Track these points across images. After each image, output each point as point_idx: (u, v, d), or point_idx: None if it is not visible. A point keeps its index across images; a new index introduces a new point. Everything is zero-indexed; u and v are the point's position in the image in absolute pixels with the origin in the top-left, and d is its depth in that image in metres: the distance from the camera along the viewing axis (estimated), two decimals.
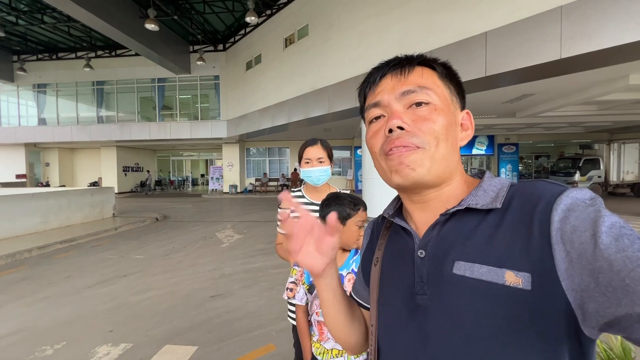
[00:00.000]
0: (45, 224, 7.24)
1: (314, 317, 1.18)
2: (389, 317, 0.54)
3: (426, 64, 0.53)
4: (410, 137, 0.48)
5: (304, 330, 1.21)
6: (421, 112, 0.49)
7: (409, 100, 0.49)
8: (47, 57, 17.01)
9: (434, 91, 0.50)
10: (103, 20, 9.80)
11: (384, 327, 0.56)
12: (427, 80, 0.50)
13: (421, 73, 0.51)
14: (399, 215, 0.58)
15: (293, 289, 1.21)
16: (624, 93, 7.22)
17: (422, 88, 0.49)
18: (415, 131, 0.48)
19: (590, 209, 0.39)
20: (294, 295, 1.20)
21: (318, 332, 1.17)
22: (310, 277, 1.19)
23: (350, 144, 17.83)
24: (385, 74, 0.52)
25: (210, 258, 5.16)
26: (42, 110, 17.81)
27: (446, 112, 0.50)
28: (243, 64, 14.72)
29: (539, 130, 14.48)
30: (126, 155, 19.61)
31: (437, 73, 0.52)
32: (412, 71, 0.51)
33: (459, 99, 0.54)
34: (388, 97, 0.51)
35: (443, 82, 0.52)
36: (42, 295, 3.71)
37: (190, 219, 9.48)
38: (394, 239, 0.58)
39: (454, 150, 0.50)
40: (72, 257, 5.38)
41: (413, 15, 6.94)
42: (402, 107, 0.50)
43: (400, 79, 0.51)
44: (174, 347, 2.54)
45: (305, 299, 1.20)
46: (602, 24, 4.48)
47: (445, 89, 0.52)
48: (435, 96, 0.50)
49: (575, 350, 0.40)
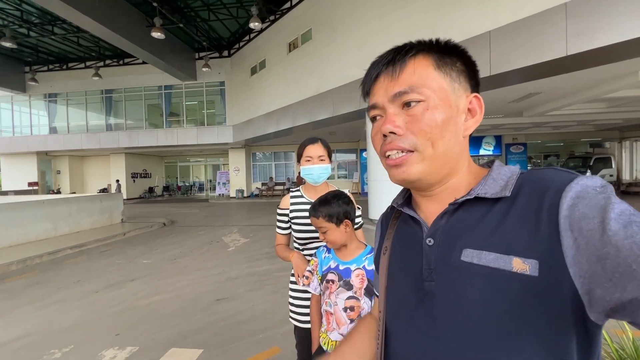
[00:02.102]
0: (56, 230, 7.36)
1: (324, 307, 1.21)
2: (398, 303, 0.55)
3: (422, 52, 0.50)
4: (403, 140, 0.48)
5: (316, 319, 1.26)
6: (413, 113, 0.48)
7: (401, 101, 0.49)
8: (57, 68, 17.45)
9: (428, 86, 0.48)
10: (111, 30, 10.04)
11: (392, 313, 0.57)
12: (419, 76, 0.48)
13: (413, 69, 0.48)
14: (408, 204, 0.59)
15: (309, 277, 1.27)
16: (634, 89, 7.09)
17: (414, 87, 0.48)
18: (407, 134, 0.48)
19: (600, 196, 0.38)
20: (309, 283, 1.25)
21: (326, 322, 1.20)
22: (322, 269, 1.23)
23: (355, 147, 17.81)
24: (379, 73, 0.52)
25: (216, 262, 5.17)
26: (53, 119, 18.23)
27: (442, 106, 0.47)
28: (248, 69, 14.87)
29: (547, 129, 14.26)
30: (134, 162, 19.91)
31: (433, 62, 0.49)
32: (403, 68, 0.49)
33: (466, 81, 0.51)
34: (382, 100, 0.51)
35: (439, 72, 0.48)
36: (51, 299, 3.77)
37: (197, 223, 9.55)
38: (403, 228, 0.59)
39: (454, 144, 0.49)
40: (81, 262, 5.45)
41: (417, 16, 6.94)
42: (397, 107, 0.49)
43: (393, 78, 0.49)
44: (180, 350, 2.54)
45: (319, 289, 1.24)
46: (609, 20, 4.40)
47: (443, 78, 0.48)
48: (429, 91, 0.47)
49: (581, 336, 0.40)
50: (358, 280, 1.15)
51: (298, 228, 1.47)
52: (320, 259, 1.27)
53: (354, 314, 1.14)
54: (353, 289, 1.15)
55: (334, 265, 1.21)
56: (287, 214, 1.52)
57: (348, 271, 1.17)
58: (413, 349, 0.51)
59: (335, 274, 1.18)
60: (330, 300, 1.17)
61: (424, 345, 0.49)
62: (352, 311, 1.14)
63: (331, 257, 1.23)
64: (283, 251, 1.51)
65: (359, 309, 1.14)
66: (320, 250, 1.29)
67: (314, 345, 1.24)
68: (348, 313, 1.14)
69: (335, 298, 1.16)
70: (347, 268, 1.18)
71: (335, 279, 1.18)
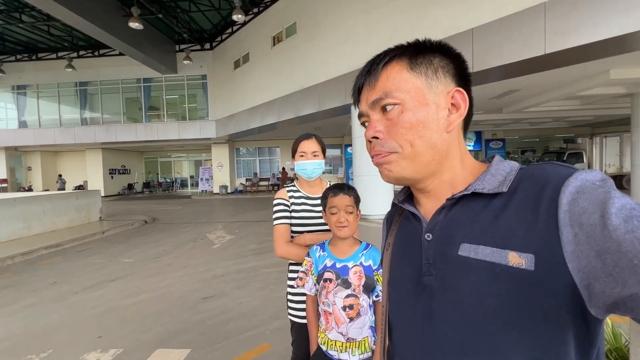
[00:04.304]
0: (29, 230, 7.01)
1: (321, 306, 1.20)
2: (399, 296, 0.57)
3: (396, 57, 0.51)
4: (383, 144, 0.51)
5: (312, 320, 1.24)
6: (390, 117, 0.50)
7: (379, 107, 0.51)
8: (26, 58, 16.50)
9: (402, 89, 0.49)
10: (85, 19, 9.55)
11: (394, 307, 0.59)
12: (393, 82, 0.50)
13: (387, 76, 0.51)
14: (409, 201, 0.60)
15: (303, 277, 1.24)
16: (605, 88, 7.44)
17: (387, 92, 0.50)
18: (386, 138, 0.51)
19: (600, 190, 0.38)
20: (303, 284, 1.23)
21: (325, 322, 1.19)
22: (319, 268, 1.21)
23: (340, 142, 17.86)
24: (362, 84, 0.55)
25: (201, 259, 5.08)
26: (23, 113, 17.27)
27: (418, 106, 0.49)
28: (231, 62, 14.56)
29: (524, 125, 14.80)
30: (112, 158, 19.16)
31: (406, 65, 0.50)
32: (378, 77, 0.51)
33: (448, 76, 0.51)
34: (365, 108, 0.54)
35: (413, 73, 0.50)
36: (26, 302, 3.59)
37: (180, 220, 9.33)
38: (404, 225, 0.61)
39: (437, 141, 0.49)
40: (57, 263, 5.22)
41: (400, 12, 6.99)
42: (377, 113, 0.52)
43: (371, 87, 0.52)
44: (166, 351, 2.49)
45: (315, 289, 1.22)
46: (583, 20, 4.59)
47: (418, 78, 0.49)
48: (403, 94, 0.49)
49: (581, 330, 0.40)
50: (356, 278, 1.15)
51: (299, 222, 1.45)
52: (314, 258, 1.24)
53: (353, 312, 1.13)
54: (351, 287, 1.14)
55: (330, 264, 1.18)
56: (288, 205, 1.48)
57: (346, 269, 1.16)
58: (413, 342, 0.52)
59: (333, 273, 1.17)
60: (329, 300, 1.16)
61: (424, 338, 0.50)
62: (351, 309, 1.13)
63: (326, 255, 1.21)
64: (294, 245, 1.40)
65: (358, 306, 1.13)
66: (314, 249, 1.26)
67: (312, 346, 1.22)
68: (347, 312, 1.13)
69: (334, 297, 1.15)
70: (344, 266, 1.17)
71: (332, 277, 1.16)
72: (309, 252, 1.27)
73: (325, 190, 1.24)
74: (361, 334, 1.15)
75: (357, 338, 1.14)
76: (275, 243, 1.42)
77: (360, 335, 1.14)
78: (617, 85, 7.29)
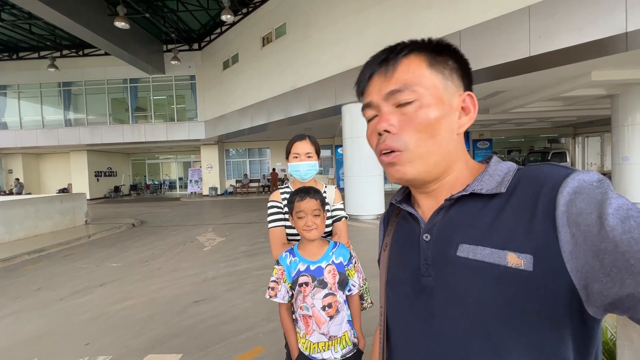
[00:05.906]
0: (10, 235, 6.78)
1: (299, 312, 1.20)
2: (397, 298, 0.57)
3: (415, 51, 0.50)
4: (396, 139, 0.49)
5: (289, 327, 1.23)
6: (407, 111, 0.48)
7: (395, 100, 0.49)
8: (6, 57, 15.94)
9: (421, 84, 0.48)
10: (68, 17, 9.27)
11: (392, 308, 0.58)
12: (413, 75, 0.48)
13: (407, 67, 0.49)
14: (407, 201, 0.59)
15: (274, 287, 1.22)
16: (587, 89, 7.67)
17: (407, 85, 0.48)
18: (400, 133, 0.49)
19: (597, 190, 0.39)
20: (275, 294, 1.21)
21: (304, 327, 1.19)
22: (292, 274, 1.20)
23: (331, 143, 17.87)
24: (373, 73, 0.52)
25: (191, 262, 5.01)
26: (3, 114, 16.67)
27: (435, 105, 0.48)
28: (220, 63, 14.42)
29: (510, 126, 15.13)
30: (98, 160, 18.66)
31: (425, 61, 0.49)
32: (397, 67, 0.49)
33: (459, 80, 0.51)
34: (376, 98, 0.51)
35: (432, 71, 0.49)
36: (9, 310, 3.47)
37: (169, 223, 9.18)
38: (402, 225, 0.60)
39: (448, 142, 0.50)
40: (42, 268, 5.06)
41: (390, 13, 7.05)
42: (391, 106, 0.50)
43: (387, 77, 0.50)
44: (157, 357, 2.44)
45: (288, 296, 1.22)
46: (566, 23, 4.73)
47: (436, 76, 0.49)
48: (423, 89, 0.48)
49: (579, 330, 0.41)
50: (331, 276, 1.18)
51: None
52: (285, 265, 1.22)
53: (332, 310, 1.17)
54: (328, 286, 1.17)
55: (303, 268, 1.19)
56: (281, 207, 1.48)
57: (320, 270, 1.19)
58: (412, 343, 0.52)
59: (308, 276, 1.18)
60: (307, 303, 1.17)
61: (423, 339, 0.50)
62: (330, 308, 1.16)
63: (298, 260, 1.21)
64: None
65: (336, 304, 1.17)
66: (283, 256, 1.25)
67: (293, 354, 1.21)
68: (327, 311, 1.16)
69: (312, 299, 1.16)
70: (318, 267, 1.19)
71: (309, 280, 1.17)
72: (278, 260, 1.26)
73: (291, 195, 1.25)
74: (341, 330, 1.18)
75: (338, 334, 1.18)
76: (272, 246, 1.43)
77: (340, 332, 1.18)
78: (598, 87, 7.53)
